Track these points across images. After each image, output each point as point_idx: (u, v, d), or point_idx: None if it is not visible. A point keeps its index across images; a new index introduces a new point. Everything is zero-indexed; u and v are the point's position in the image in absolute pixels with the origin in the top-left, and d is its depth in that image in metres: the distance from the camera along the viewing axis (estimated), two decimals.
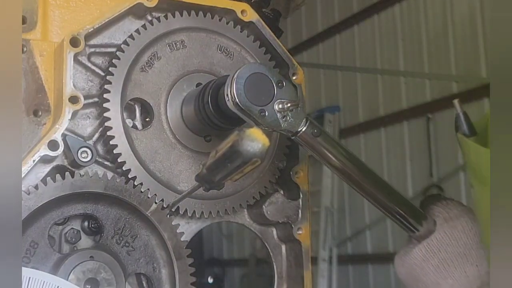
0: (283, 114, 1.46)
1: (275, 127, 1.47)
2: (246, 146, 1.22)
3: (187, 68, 1.68)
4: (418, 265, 1.60)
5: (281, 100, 1.46)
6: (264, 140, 1.23)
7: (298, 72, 1.81)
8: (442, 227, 1.59)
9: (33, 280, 1.31)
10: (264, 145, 1.22)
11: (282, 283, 1.82)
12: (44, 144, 1.49)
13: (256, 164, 1.25)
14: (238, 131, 1.24)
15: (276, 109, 1.46)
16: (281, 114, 1.46)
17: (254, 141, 1.22)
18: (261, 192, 1.73)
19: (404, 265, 1.64)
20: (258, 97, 1.44)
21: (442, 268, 1.56)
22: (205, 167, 1.35)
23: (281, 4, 2.05)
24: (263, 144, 1.22)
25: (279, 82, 1.46)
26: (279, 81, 1.46)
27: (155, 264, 1.59)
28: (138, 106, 1.66)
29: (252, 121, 1.45)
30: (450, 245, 1.57)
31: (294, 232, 1.78)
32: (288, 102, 1.46)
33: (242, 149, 1.22)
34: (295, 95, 1.49)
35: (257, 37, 1.78)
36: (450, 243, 1.57)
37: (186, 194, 1.54)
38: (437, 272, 1.56)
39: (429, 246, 1.59)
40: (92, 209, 1.55)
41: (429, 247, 1.59)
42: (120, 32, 1.65)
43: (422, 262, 1.59)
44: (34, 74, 1.58)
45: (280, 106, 1.46)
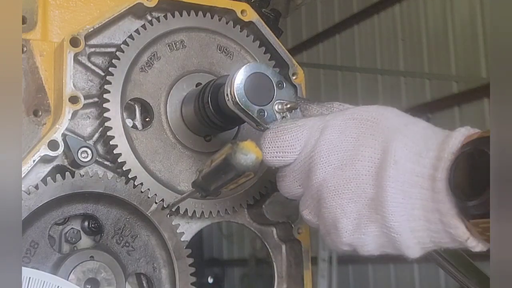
0: (282, 114, 1.47)
1: None
2: (239, 160, 1.22)
3: (187, 68, 1.68)
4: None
5: (280, 101, 1.46)
6: (258, 153, 1.23)
7: (298, 72, 1.81)
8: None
9: (33, 280, 1.31)
10: (258, 158, 1.22)
11: (282, 283, 1.82)
12: (44, 144, 1.50)
13: (250, 177, 1.26)
14: (232, 143, 1.24)
15: (275, 109, 1.46)
16: (280, 115, 1.47)
17: (248, 154, 1.22)
18: (261, 191, 1.73)
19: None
20: (258, 97, 1.44)
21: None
22: (201, 175, 1.36)
23: (281, 4, 2.05)
24: (257, 157, 1.22)
25: (279, 83, 1.47)
26: (279, 82, 1.47)
27: (155, 264, 1.60)
28: (138, 106, 1.66)
29: (251, 120, 1.45)
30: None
31: (294, 232, 1.78)
32: (287, 103, 1.47)
33: (235, 162, 1.22)
34: (295, 96, 1.50)
35: (257, 37, 1.78)
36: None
37: (185, 197, 1.55)
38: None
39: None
40: (92, 209, 1.55)
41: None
42: (120, 32, 1.65)
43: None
44: (34, 74, 1.58)
45: (280, 107, 1.46)
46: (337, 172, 1.35)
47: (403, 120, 1.35)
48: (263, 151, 1.41)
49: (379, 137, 1.33)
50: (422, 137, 1.30)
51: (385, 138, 1.32)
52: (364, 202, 1.32)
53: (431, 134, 1.31)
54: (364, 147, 1.33)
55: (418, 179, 1.25)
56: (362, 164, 1.32)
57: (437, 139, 1.28)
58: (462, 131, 1.26)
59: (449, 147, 1.23)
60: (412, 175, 1.26)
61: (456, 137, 1.24)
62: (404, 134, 1.31)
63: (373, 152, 1.32)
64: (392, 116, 1.36)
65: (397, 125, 1.33)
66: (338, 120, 1.38)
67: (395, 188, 1.27)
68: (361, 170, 1.32)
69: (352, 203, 1.34)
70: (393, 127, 1.33)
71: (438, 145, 1.26)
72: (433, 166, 1.24)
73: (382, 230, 1.32)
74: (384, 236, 1.33)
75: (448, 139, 1.25)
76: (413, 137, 1.30)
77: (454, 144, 1.23)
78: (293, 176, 1.44)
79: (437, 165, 1.23)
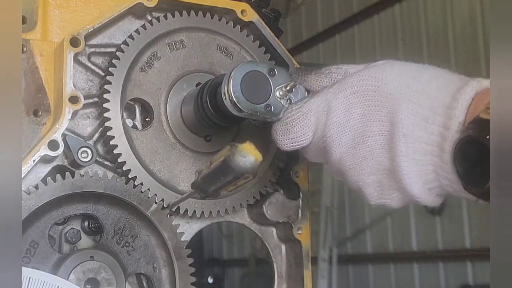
0: (286, 98, 1.49)
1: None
2: (238, 162, 1.22)
3: (187, 68, 1.68)
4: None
5: (278, 86, 1.48)
6: (257, 155, 1.23)
7: None
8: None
9: (33, 280, 1.31)
10: (256, 160, 1.22)
11: (282, 283, 1.82)
12: (44, 144, 1.50)
13: (249, 179, 1.26)
14: (230, 145, 1.24)
15: (278, 96, 1.48)
16: (284, 100, 1.49)
17: (246, 156, 1.22)
18: (261, 191, 1.73)
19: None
20: (258, 96, 1.45)
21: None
22: (200, 176, 1.36)
23: (281, 4, 2.05)
24: (255, 159, 1.22)
25: (271, 71, 1.48)
26: (270, 70, 1.49)
27: (155, 264, 1.60)
28: (138, 106, 1.66)
29: (262, 119, 1.47)
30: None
31: (294, 232, 1.78)
32: (285, 85, 1.48)
33: (233, 164, 1.22)
34: (289, 75, 1.51)
35: (257, 37, 1.78)
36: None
37: (185, 197, 1.55)
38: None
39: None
40: (92, 209, 1.55)
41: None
42: (120, 32, 1.65)
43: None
44: (34, 74, 1.58)
45: (281, 92, 1.49)
46: (351, 151, 1.40)
47: (407, 78, 1.36)
48: (278, 143, 1.48)
49: (384, 107, 1.35)
50: (427, 97, 1.31)
51: (390, 107, 1.34)
52: (383, 173, 1.39)
53: (438, 89, 1.32)
54: (371, 122, 1.37)
55: (427, 147, 1.30)
56: (373, 139, 1.37)
57: (444, 98, 1.29)
58: (468, 91, 1.26)
59: (456, 117, 1.25)
60: (422, 143, 1.31)
61: (462, 103, 1.25)
62: (408, 98, 1.32)
63: (381, 126, 1.36)
64: (393, 77, 1.37)
65: (400, 88, 1.34)
66: (340, 98, 1.40)
67: (408, 161, 1.32)
68: (374, 146, 1.37)
69: (372, 175, 1.41)
70: (396, 92, 1.34)
71: (444, 108, 1.28)
72: (441, 134, 1.28)
73: (404, 195, 1.39)
74: (407, 198, 1.40)
75: (454, 103, 1.26)
76: (418, 99, 1.32)
77: (460, 111, 1.25)
78: (312, 153, 1.50)
79: (445, 134, 1.27)
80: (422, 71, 1.37)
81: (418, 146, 1.30)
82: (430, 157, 1.30)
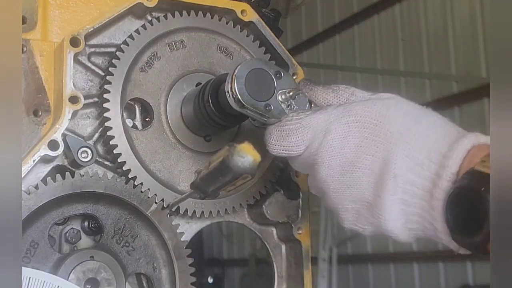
0: (287, 103, 1.48)
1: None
2: (237, 162, 1.22)
3: (187, 68, 1.68)
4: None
5: (282, 90, 1.48)
6: (255, 155, 1.23)
7: (298, 72, 1.81)
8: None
9: (33, 280, 1.31)
10: (255, 160, 1.22)
11: (282, 283, 1.82)
12: (44, 144, 1.50)
13: (247, 179, 1.26)
14: (229, 146, 1.24)
15: (279, 100, 1.48)
16: (285, 104, 1.48)
17: (245, 157, 1.22)
18: (261, 191, 1.73)
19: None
20: (260, 93, 1.46)
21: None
22: (199, 177, 1.36)
23: (281, 4, 2.05)
24: (254, 159, 1.22)
25: (277, 73, 1.49)
26: (277, 72, 1.49)
27: (155, 264, 1.60)
28: (138, 106, 1.66)
29: (259, 117, 1.47)
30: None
31: (294, 232, 1.78)
32: (289, 90, 1.48)
33: (232, 165, 1.22)
34: (294, 82, 1.51)
35: (257, 37, 1.78)
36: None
37: (184, 197, 1.55)
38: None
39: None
40: (92, 209, 1.55)
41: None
42: (120, 32, 1.65)
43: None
44: (34, 74, 1.58)
45: (283, 97, 1.48)
46: (338, 176, 1.41)
47: (408, 120, 1.36)
48: (269, 146, 1.47)
49: (381, 143, 1.35)
50: (426, 143, 1.32)
51: (387, 146, 1.34)
52: (363, 205, 1.40)
53: (436, 137, 1.32)
54: (365, 155, 1.37)
55: (418, 191, 1.30)
56: (362, 172, 1.37)
57: (442, 146, 1.30)
58: (465, 143, 1.27)
59: (449, 167, 1.26)
60: (413, 186, 1.31)
61: (457, 155, 1.26)
62: (406, 141, 1.32)
63: (373, 161, 1.35)
64: (396, 116, 1.37)
65: (400, 128, 1.34)
66: (342, 124, 1.40)
67: (394, 200, 1.33)
68: (361, 178, 1.37)
69: (352, 203, 1.42)
70: (396, 131, 1.34)
71: (440, 157, 1.28)
72: (433, 181, 1.28)
73: (377, 229, 1.41)
74: (380, 232, 1.42)
75: (450, 153, 1.27)
76: (416, 144, 1.32)
77: (455, 162, 1.26)
78: (299, 165, 1.51)
79: (437, 182, 1.27)
80: (424, 116, 1.37)
81: (409, 188, 1.30)
82: (419, 201, 1.30)
